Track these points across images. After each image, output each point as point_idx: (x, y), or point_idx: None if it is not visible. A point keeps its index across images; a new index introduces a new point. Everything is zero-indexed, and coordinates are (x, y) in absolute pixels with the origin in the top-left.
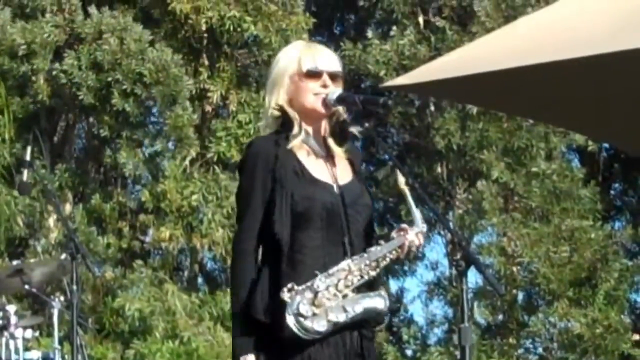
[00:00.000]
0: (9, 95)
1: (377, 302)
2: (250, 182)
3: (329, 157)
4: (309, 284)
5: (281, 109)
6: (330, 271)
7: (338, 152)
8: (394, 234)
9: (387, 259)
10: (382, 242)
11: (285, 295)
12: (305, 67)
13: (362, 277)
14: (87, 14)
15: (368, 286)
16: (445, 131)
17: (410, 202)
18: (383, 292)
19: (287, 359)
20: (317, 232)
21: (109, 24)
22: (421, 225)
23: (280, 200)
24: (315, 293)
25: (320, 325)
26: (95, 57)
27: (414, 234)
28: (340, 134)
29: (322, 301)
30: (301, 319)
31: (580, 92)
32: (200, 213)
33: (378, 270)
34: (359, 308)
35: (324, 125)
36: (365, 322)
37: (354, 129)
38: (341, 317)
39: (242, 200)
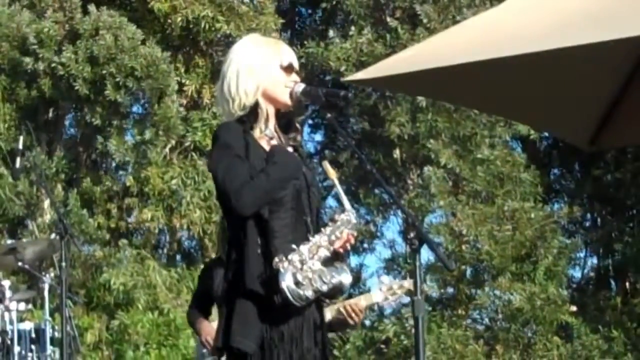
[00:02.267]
0: (17, 87)
1: (346, 277)
2: (229, 139)
3: (283, 144)
4: (297, 255)
5: (256, 101)
6: (308, 245)
7: (285, 139)
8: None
9: (337, 238)
10: (330, 223)
11: (280, 264)
12: (286, 61)
13: (326, 252)
14: (85, 12)
15: (326, 262)
16: (398, 122)
17: (340, 190)
18: (345, 267)
19: (264, 328)
20: (287, 212)
21: (105, 22)
22: (350, 210)
23: None
24: (302, 264)
25: (309, 293)
26: (91, 51)
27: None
28: (286, 123)
29: (305, 272)
30: (293, 287)
31: (521, 86)
32: (180, 196)
33: (332, 247)
34: (334, 280)
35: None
36: (323, 295)
37: (298, 119)
38: (324, 287)
39: (225, 152)
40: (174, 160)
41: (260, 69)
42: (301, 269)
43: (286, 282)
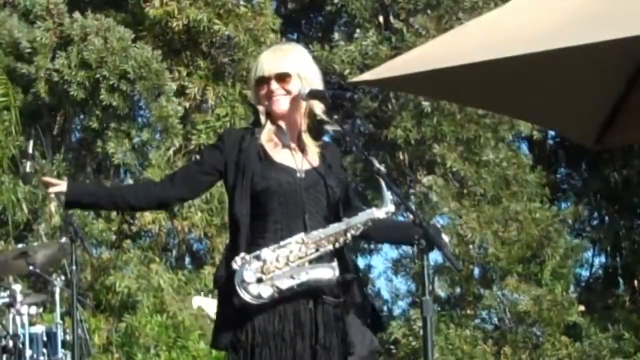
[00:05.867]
0: (14, 93)
1: (325, 272)
2: (203, 151)
3: (299, 148)
4: (256, 253)
5: (255, 108)
6: (282, 243)
7: (310, 144)
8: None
9: (348, 235)
10: (344, 219)
11: (236, 264)
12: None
13: (317, 249)
14: (73, 18)
15: (328, 258)
16: (404, 127)
17: (383, 184)
18: (334, 264)
19: (237, 327)
20: (276, 209)
21: (92, 26)
22: (390, 206)
23: (241, 183)
24: (264, 262)
25: (265, 291)
26: (82, 56)
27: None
28: (315, 130)
29: (271, 269)
30: (246, 285)
31: (527, 85)
32: None
33: (337, 244)
34: (305, 276)
35: (301, 121)
36: (319, 292)
37: (329, 127)
38: (286, 284)
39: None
40: (178, 163)
41: (250, 86)
42: (263, 267)
43: (237, 281)
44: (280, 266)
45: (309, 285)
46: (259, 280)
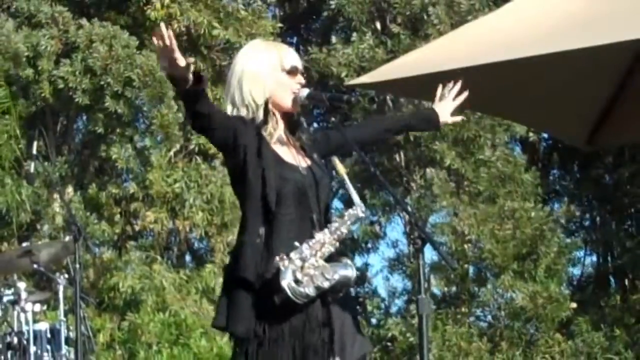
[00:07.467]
0: (13, 97)
1: (349, 271)
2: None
3: (290, 144)
4: (298, 253)
5: (266, 105)
6: (311, 243)
7: (293, 140)
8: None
9: (343, 234)
10: (336, 218)
11: (280, 263)
12: (288, 64)
13: (330, 249)
14: (79, 25)
15: (330, 257)
16: None
17: (349, 186)
18: (349, 262)
19: (256, 319)
20: (290, 208)
21: (98, 34)
22: (359, 204)
23: (268, 180)
24: (303, 261)
25: (310, 290)
26: (87, 63)
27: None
28: (291, 125)
29: (307, 269)
30: (294, 285)
31: (520, 88)
32: (183, 198)
33: (338, 243)
34: (336, 276)
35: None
36: (328, 290)
37: (303, 121)
38: (325, 283)
39: None
40: (179, 164)
41: (264, 75)
42: (302, 267)
43: (287, 281)
44: (311, 266)
45: (338, 284)
46: (306, 281)
